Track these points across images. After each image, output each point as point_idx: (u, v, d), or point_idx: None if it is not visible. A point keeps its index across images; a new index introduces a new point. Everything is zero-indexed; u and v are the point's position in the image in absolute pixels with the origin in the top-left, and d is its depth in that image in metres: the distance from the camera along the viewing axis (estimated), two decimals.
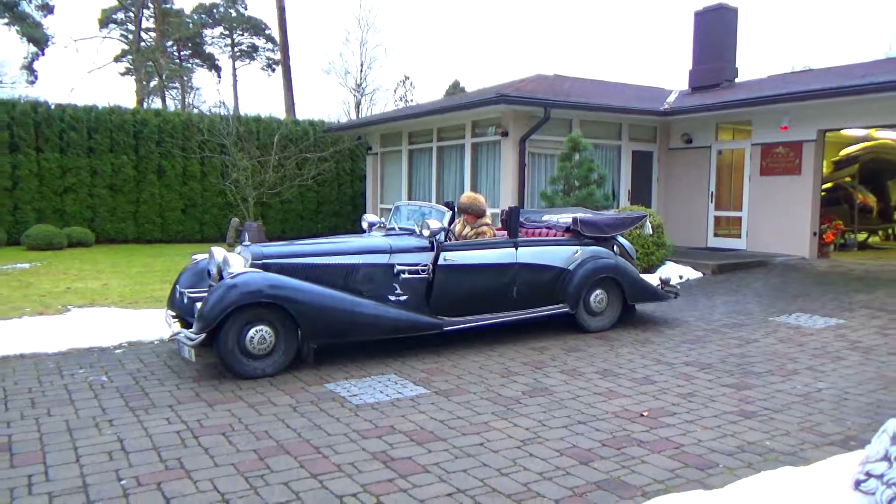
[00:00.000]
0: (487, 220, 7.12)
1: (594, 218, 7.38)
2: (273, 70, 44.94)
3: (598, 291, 6.99)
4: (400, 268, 6.06)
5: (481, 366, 5.71)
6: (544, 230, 7.35)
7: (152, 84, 36.22)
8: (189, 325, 5.52)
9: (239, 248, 5.90)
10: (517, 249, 6.62)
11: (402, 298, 6.05)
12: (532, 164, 12.96)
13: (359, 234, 7.05)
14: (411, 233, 6.49)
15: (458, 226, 7.19)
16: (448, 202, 7.03)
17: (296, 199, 17.78)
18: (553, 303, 6.79)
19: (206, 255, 6.20)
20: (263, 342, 5.28)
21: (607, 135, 13.82)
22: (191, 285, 6.09)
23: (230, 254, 5.70)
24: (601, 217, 7.51)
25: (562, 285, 6.82)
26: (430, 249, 6.22)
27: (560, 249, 6.93)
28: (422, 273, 6.15)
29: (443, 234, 6.28)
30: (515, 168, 12.62)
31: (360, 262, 5.98)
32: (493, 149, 13.29)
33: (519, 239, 6.72)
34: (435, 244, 6.23)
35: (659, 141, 14.49)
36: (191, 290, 5.95)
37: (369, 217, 7.33)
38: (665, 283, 7.71)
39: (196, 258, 6.46)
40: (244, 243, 5.99)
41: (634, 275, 7.29)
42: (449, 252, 6.26)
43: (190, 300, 5.79)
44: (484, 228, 6.98)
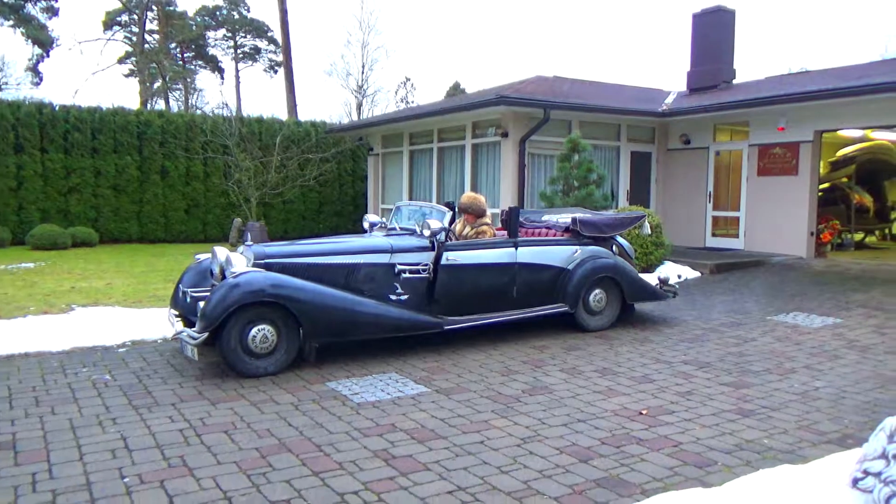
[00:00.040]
0: (487, 220, 7.14)
1: (593, 218, 7.40)
2: (275, 72, 45.00)
3: (597, 291, 7.02)
4: (401, 267, 6.08)
5: (482, 364, 5.73)
6: (544, 230, 7.37)
7: (156, 85, 36.27)
8: (192, 324, 5.54)
9: (241, 248, 5.93)
10: (517, 249, 6.65)
11: (403, 298, 6.08)
12: (532, 165, 12.98)
13: (360, 233, 7.08)
14: (412, 233, 6.51)
15: (458, 226, 7.22)
16: (448, 202, 7.06)
17: (298, 199, 17.80)
18: (553, 302, 6.82)
19: (208, 254, 6.22)
20: (266, 341, 5.31)
21: (606, 136, 13.85)
22: (194, 284, 6.12)
23: (233, 253, 5.72)
24: (600, 217, 7.53)
25: (561, 285, 6.85)
26: (430, 249, 6.24)
27: (559, 249, 6.95)
28: (422, 272, 6.18)
29: (443, 233, 6.31)
30: (515, 169, 12.65)
31: (362, 262, 6.01)
32: (493, 149, 13.32)
33: (519, 239, 6.75)
34: (436, 244, 6.26)
35: (657, 142, 14.51)
36: (194, 290, 5.98)
37: (370, 217, 7.35)
38: (663, 282, 7.73)
39: (199, 258, 6.49)
40: (247, 243, 6.02)
41: (633, 274, 7.31)
42: (452, 252, 6.29)
43: (193, 299, 5.82)
44: (484, 228, 7.01)
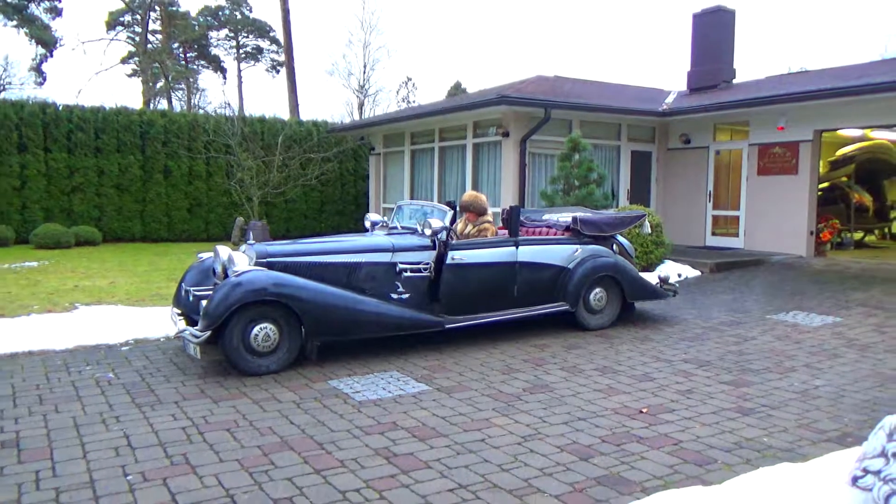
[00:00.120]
0: (489, 218, 7.16)
1: (594, 217, 7.41)
2: (277, 71, 45.09)
3: (597, 290, 7.03)
4: (402, 266, 6.10)
5: (482, 363, 5.75)
6: (545, 229, 7.39)
7: (158, 85, 36.29)
8: (194, 322, 5.56)
9: (244, 247, 5.94)
10: (518, 248, 6.66)
11: (405, 297, 6.10)
12: (532, 164, 13.00)
13: (362, 233, 7.09)
14: (413, 232, 6.53)
15: (459, 225, 7.24)
16: (450, 201, 7.07)
17: (300, 198, 17.82)
18: (553, 301, 6.83)
19: (211, 253, 6.22)
20: (268, 339, 5.33)
21: (607, 135, 13.86)
22: (196, 283, 6.14)
23: (235, 252, 5.74)
24: (601, 216, 7.54)
25: (562, 284, 6.86)
26: (432, 248, 6.26)
27: (560, 248, 6.97)
28: (424, 271, 6.20)
29: (445, 232, 6.33)
30: (516, 168, 12.66)
31: (363, 261, 6.02)
32: (494, 149, 13.34)
33: (520, 238, 6.76)
34: (437, 243, 6.28)
35: (658, 141, 14.52)
36: (196, 288, 6.00)
37: (372, 216, 7.35)
38: (664, 281, 7.75)
39: (201, 256, 6.51)
40: (249, 242, 6.01)
41: (633, 273, 7.32)
42: (458, 251, 6.30)
43: (195, 298, 5.84)
44: (486, 225, 7.03)
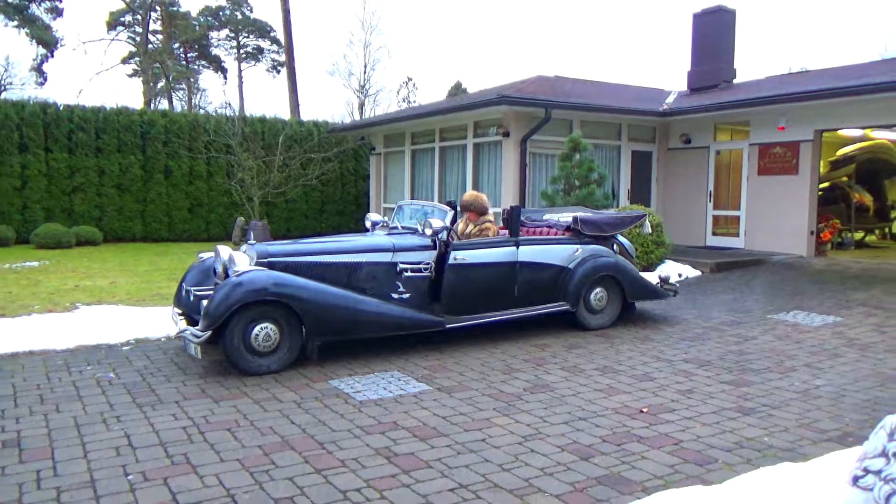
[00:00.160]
0: (490, 218, 7.17)
1: (594, 217, 7.41)
2: (278, 71, 45.11)
3: (598, 289, 7.04)
4: (403, 266, 6.10)
5: (483, 363, 5.75)
6: (545, 229, 7.39)
7: (159, 85, 36.32)
8: (195, 322, 5.56)
9: (244, 247, 5.95)
10: (518, 248, 6.66)
11: (405, 296, 6.10)
12: (533, 164, 13.00)
13: (362, 232, 7.09)
14: (414, 232, 6.53)
15: (460, 225, 7.24)
16: (450, 201, 7.08)
17: (300, 198, 17.83)
18: (554, 301, 6.83)
19: (212, 253, 6.23)
20: (268, 339, 5.33)
21: (607, 135, 13.86)
22: (197, 283, 6.14)
23: (236, 252, 5.74)
24: (601, 216, 7.55)
25: (562, 283, 6.86)
26: (432, 248, 6.26)
27: (561, 248, 6.97)
28: (424, 271, 6.20)
29: (445, 232, 6.33)
30: (516, 168, 12.67)
31: (364, 261, 6.03)
32: (494, 149, 13.34)
33: (520, 238, 6.76)
34: (437, 243, 6.28)
35: (658, 141, 14.52)
36: (197, 288, 6.01)
37: (372, 216, 7.35)
38: (664, 281, 7.75)
39: (202, 256, 6.51)
40: (249, 242, 6.01)
41: (634, 273, 7.32)
42: (460, 251, 6.30)
43: (196, 298, 5.84)
44: (488, 225, 7.03)
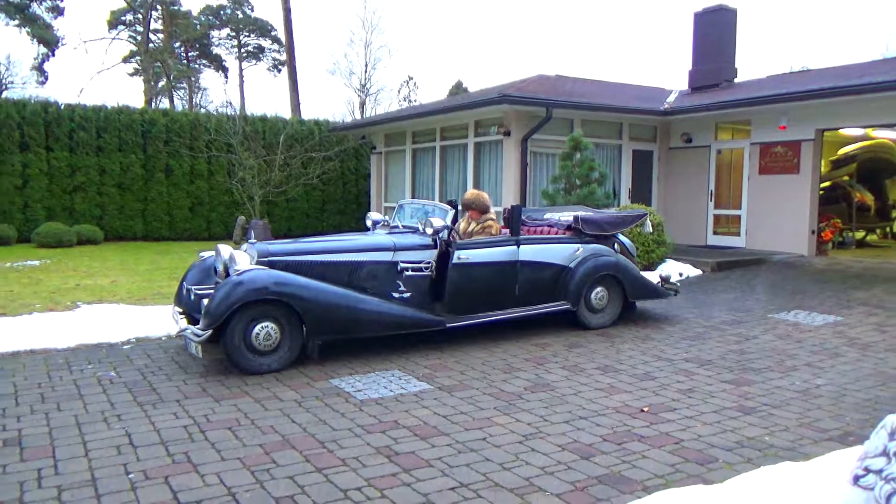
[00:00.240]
0: (492, 216, 7.17)
1: (595, 216, 7.41)
2: (279, 71, 45.12)
3: (598, 289, 7.03)
4: (403, 265, 6.11)
5: (484, 362, 5.75)
6: (546, 228, 7.39)
7: (160, 84, 36.34)
8: (196, 321, 5.56)
9: (245, 246, 5.95)
10: (519, 247, 6.66)
11: (406, 295, 6.10)
12: (534, 163, 13.00)
13: (363, 232, 7.10)
14: (415, 231, 6.53)
15: (462, 224, 7.24)
16: (451, 200, 7.08)
17: (301, 197, 17.83)
18: (555, 300, 6.83)
19: (212, 252, 6.23)
20: (269, 338, 5.33)
21: (608, 134, 13.86)
22: (198, 282, 6.14)
23: (236, 251, 5.74)
24: (602, 215, 7.55)
25: (563, 283, 6.86)
26: (433, 247, 6.27)
27: (561, 247, 6.96)
28: (425, 270, 6.20)
29: (446, 231, 6.32)
30: (517, 167, 12.66)
31: (365, 260, 6.03)
32: (495, 148, 13.34)
33: (521, 237, 6.76)
34: (438, 242, 6.28)
35: (659, 140, 14.51)
36: (198, 287, 6.00)
37: (373, 215, 7.36)
38: (665, 280, 7.75)
39: (203, 255, 6.51)
40: (250, 241, 6.02)
41: (635, 272, 7.32)
42: (464, 251, 6.30)
43: (197, 297, 5.85)
44: (490, 223, 7.02)
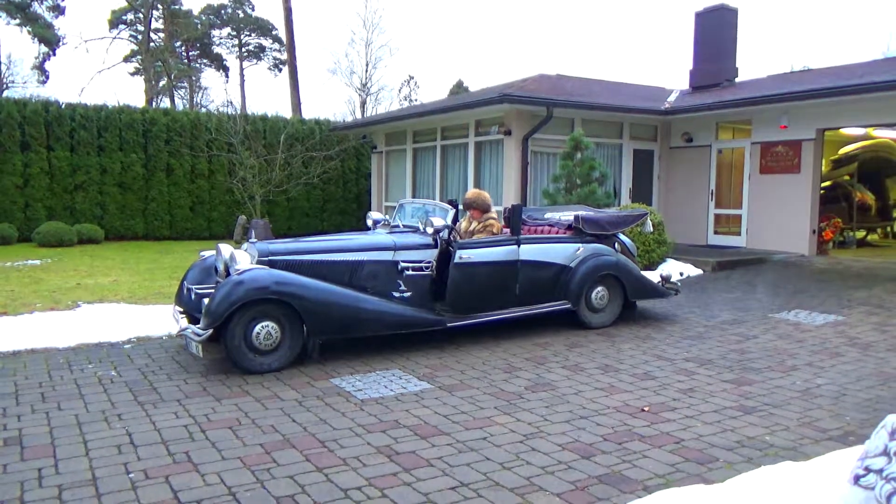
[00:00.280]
0: (493, 215, 7.17)
1: (596, 216, 7.41)
2: (280, 70, 45.13)
3: (599, 288, 7.03)
4: (404, 265, 6.11)
5: (484, 361, 5.75)
6: (547, 228, 7.39)
7: (161, 84, 36.34)
8: (196, 320, 5.57)
9: (246, 245, 5.95)
10: (520, 247, 6.66)
11: (406, 295, 6.10)
12: (534, 163, 12.99)
13: (364, 231, 7.10)
14: (416, 230, 6.54)
15: (463, 223, 7.24)
16: (452, 200, 7.08)
17: (302, 196, 17.84)
18: (555, 299, 6.83)
19: (213, 251, 6.23)
20: (269, 338, 5.33)
21: (609, 134, 13.85)
22: (198, 282, 6.14)
23: (237, 251, 5.74)
24: (603, 215, 7.54)
25: (564, 282, 6.86)
26: (434, 247, 6.27)
27: (562, 247, 6.96)
28: (426, 270, 6.20)
29: (447, 231, 6.32)
30: (518, 166, 12.66)
31: (365, 259, 6.03)
32: (496, 147, 13.33)
33: (522, 236, 6.76)
34: (439, 241, 6.28)
35: (660, 140, 14.51)
36: (198, 287, 6.01)
37: (374, 215, 7.36)
38: (666, 279, 7.75)
39: (204, 255, 6.51)
40: (251, 240, 6.02)
41: (635, 272, 7.32)
42: (466, 250, 6.29)
43: (197, 296, 5.85)
44: (491, 221, 7.03)
